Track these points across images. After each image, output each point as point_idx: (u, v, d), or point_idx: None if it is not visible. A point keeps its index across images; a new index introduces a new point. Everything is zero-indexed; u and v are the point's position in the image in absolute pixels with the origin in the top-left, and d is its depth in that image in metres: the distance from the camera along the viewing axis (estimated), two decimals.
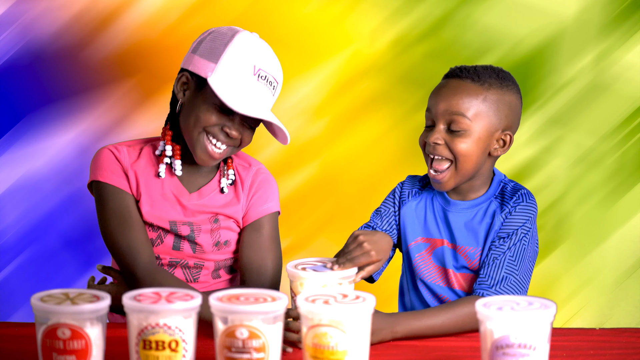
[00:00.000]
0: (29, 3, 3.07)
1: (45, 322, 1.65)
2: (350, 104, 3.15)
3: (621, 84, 3.11)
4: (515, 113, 2.18)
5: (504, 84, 2.16)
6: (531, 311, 1.66)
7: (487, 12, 3.10)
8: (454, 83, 2.16)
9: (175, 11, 3.09)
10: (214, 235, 2.26)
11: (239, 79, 2.17)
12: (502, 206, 2.18)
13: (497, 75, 2.17)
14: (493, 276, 2.11)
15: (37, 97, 3.10)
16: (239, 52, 2.18)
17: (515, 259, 2.12)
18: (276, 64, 2.23)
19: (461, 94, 2.13)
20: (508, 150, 2.18)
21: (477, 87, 2.14)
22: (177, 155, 2.26)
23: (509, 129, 2.17)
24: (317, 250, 3.18)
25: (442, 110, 2.14)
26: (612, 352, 1.95)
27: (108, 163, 2.23)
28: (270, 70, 2.20)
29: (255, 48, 2.20)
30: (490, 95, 2.14)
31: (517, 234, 2.13)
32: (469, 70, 2.17)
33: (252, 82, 2.17)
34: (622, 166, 3.14)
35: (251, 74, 2.17)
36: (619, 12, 3.10)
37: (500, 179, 2.23)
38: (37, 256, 3.11)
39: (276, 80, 2.22)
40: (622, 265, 3.17)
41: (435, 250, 2.21)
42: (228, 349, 1.66)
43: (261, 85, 2.18)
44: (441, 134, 2.14)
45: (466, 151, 2.13)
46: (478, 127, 2.13)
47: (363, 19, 3.12)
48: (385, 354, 1.93)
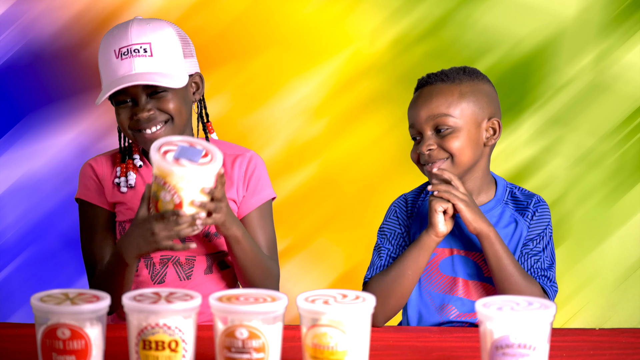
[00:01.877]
0: (29, 3, 3.07)
1: (45, 322, 1.65)
2: (350, 104, 3.15)
3: (621, 84, 3.11)
4: (494, 100, 2.20)
5: (474, 77, 2.19)
6: (531, 311, 1.66)
7: (487, 12, 3.10)
8: (426, 90, 2.18)
9: (175, 11, 3.10)
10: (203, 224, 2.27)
11: (110, 72, 2.17)
12: (523, 211, 2.19)
13: (464, 71, 2.19)
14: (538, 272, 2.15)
15: (37, 97, 3.10)
16: (102, 52, 2.19)
17: (549, 259, 2.16)
18: (137, 31, 2.18)
19: (437, 96, 2.15)
20: (500, 137, 2.19)
21: (449, 86, 2.16)
22: (122, 173, 2.28)
23: (494, 116, 2.18)
24: (317, 250, 3.18)
25: (425, 118, 2.14)
26: (612, 352, 1.95)
27: (83, 179, 2.30)
28: (130, 40, 2.17)
29: (108, 37, 2.19)
30: (464, 88, 2.16)
31: (546, 234, 2.17)
32: (436, 74, 2.20)
33: (118, 63, 2.16)
34: (622, 166, 3.14)
35: (114, 59, 2.16)
36: (619, 12, 3.10)
37: (504, 184, 2.23)
38: (37, 256, 3.11)
39: (144, 43, 2.17)
40: (622, 265, 3.17)
41: (444, 260, 2.19)
42: (228, 349, 1.66)
43: (127, 60, 2.16)
44: (431, 140, 2.14)
45: (460, 147, 2.13)
46: (464, 121, 2.14)
47: (363, 19, 3.12)
48: (385, 354, 1.93)
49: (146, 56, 2.16)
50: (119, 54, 2.16)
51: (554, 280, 2.16)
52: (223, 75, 3.19)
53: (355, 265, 3.12)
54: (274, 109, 3.18)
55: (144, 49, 2.16)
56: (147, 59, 2.16)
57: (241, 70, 3.15)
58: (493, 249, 2.09)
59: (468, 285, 2.17)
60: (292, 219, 3.13)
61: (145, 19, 2.22)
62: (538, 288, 2.10)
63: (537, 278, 2.14)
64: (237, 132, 3.16)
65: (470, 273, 2.17)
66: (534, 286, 2.10)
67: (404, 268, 2.13)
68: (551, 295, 2.12)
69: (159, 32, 2.19)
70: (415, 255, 2.12)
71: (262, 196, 2.30)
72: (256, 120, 3.17)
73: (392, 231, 2.24)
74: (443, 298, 2.19)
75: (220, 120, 3.16)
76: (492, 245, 2.09)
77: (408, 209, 2.26)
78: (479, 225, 2.08)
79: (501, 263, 2.09)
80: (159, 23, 2.21)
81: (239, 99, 3.17)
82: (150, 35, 2.18)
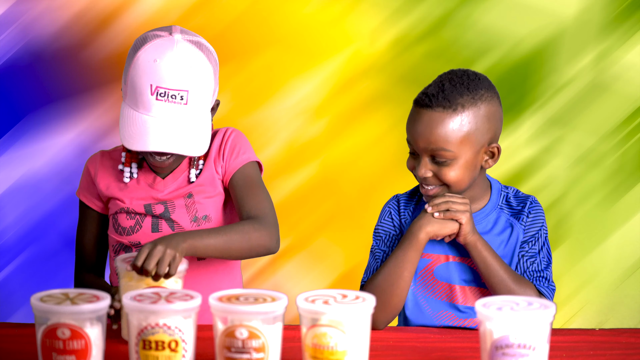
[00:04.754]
0: (29, 3, 3.07)
1: (45, 322, 1.65)
2: (350, 104, 3.15)
3: (621, 84, 3.11)
4: (495, 121, 2.13)
5: (477, 97, 2.09)
6: (531, 311, 1.66)
7: (487, 12, 3.10)
8: (426, 117, 2.09)
9: (175, 11, 3.10)
10: (190, 210, 2.27)
11: (140, 103, 2.15)
12: (518, 215, 2.17)
13: (467, 88, 2.10)
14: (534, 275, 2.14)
15: (37, 97, 3.10)
16: (138, 73, 2.15)
17: (545, 259, 2.15)
18: (178, 73, 2.14)
19: (437, 127, 2.08)
20: (498, 159, 2.16)
21: (450, 114, 2.07)
22: (127, 163, 2.29)
23: (494, 140, 2.12)
24: (317, 250, 3.18)
25: (423, 147, 2.10)
26: (612, 352, 1.95)
27: (82, 177, 2.36)
28: (169, 84, 2.13)
29: (154, 65, 2.13)
30: (466, 116, 2.08)
31: (541, 235, 2.16)
32: (437, 96, 2.09)
33: (152, 103, 2.13)
34: (622, 166, 3.14)
35: (149, 95, 2.14)
36: (619, 12, 3.10)
37: (499, 187, 2.22)
38: (37, 256, 3.11)
39: (182, 90, 2.15)
40: (622, 265, 3.17)
41: (438, 267, 2.18)
42: (228, 349, 1.66)
43: (162, 104, 2.14)
44: (428, 167, 2.11)
45: (456, 178, 2.10)
46: (462, 152, 2.09)
47: (363, 19, 3.12)
48: (385, 354, 1.93)
49: (181, 104, 2.15)
50: (155, 91, 2.14)
51: (551, 280, 2.16)
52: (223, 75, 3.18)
53: (355, 265, 3.12)
54: (274, 109, 3.18)
55: (181, 97, 2.14)
56: (181, 107, 2.15)
57: (241, 70, 3.15)
58: (481, 256, 2.09)
59: (465, 292, 2.17)
60: (292, 219, 3.13)
61: (190, 49, 2.17)
62: (532, 290, 2.10)
63: (534, 280, 2.13)
64: None
65: (467, 279, 2.16)
66: (527, 289, 2.09)
67: (400, 270, 2.12)
68: (549, 295, 2.12)
69: (199, 74, 2.16)
70: (410, 255, 2.11)
71: (241, 159, 2.28)
72: (256, 120, 3.17)
73: (387, 233, 2.24)
74: (440, 305, 2.19)
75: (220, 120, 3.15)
76: (479, 253, 2.09)
77: (400, 210, 2.25)
78: (470, 239, 2.09)
79: (490, 270, 2.09)
80: (201, 60, 2.17)
81: (239, 99, 3.17)
82: (189, 81, 2.14)
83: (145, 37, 2.19)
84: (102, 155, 2.35)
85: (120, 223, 2.28)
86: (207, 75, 2.18)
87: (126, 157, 2.30)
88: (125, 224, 2.28)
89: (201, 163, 2.29)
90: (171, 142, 2.14)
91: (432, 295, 2.19)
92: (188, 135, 2.16)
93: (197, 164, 2.29)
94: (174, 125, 2.15)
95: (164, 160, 2.21)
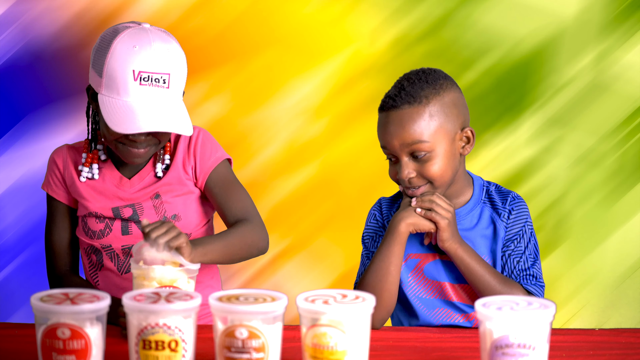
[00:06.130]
0: (29, 3, 3.07)
1: (45, 322, 1.65)
2: (350, 104, 3.15)
3: (621, 84, 3.11)
4: (462, 106, 2.15)
5: (438, 87, 2.12)
6: (530, 311, 1.66)
7: (487, 12, 3.10)
8: (395, 117, 2.11)
9: (175, 11, 3.10)
10: (159, 211, 2.27)
11: (122, 90, 2.14)
12: (499, 211, 2.18)
13: (426, 82, 2.13)
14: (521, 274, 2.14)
15: (37, 97, 3.10)
16: (118, 60, 2.15)
17: (532, 256, 2.15)
18: (159, 57, 2.16)
19: (407, 122, 2.09)
20: (474, 144, 2.17)
21: (417, 108, 2.10)
22: (87, 163, 2.29)
23: (465, 125, 2.15)
24: (317, 250, 3.18)
25: (398, 146, 2.11)
26: (612, 352, 1.95)
27: (48, 171, 2.36)
28: (153, 67, 2.15)
29: (134, 51, 2.15)
30: (432, 107, 2.10)
31: (526, 231, 2.15)
32: (400, 96, 2.12)
33: (135, 88, 2.14)
34: (622, 166, 3.14)
35: (132, 81, 2.14)
36: (619, 12, 3.10)
37: (481, 182, 2.22)
38: (37, 256, 3.11)
39: (164, 74, 2.16)
40: (622, 265, 3.18)
41: (427, 266, 2.19)
42: (228, 349, 1.66)
43: (145, 89, 2.14)
44: (410, 167, 2.11)
45: (440, 170, 2.11)
46: (438, 142, 2.10)
47: (363, 19, 3.12)
48: (385, 354, 1.93)
49: (164, 87, 2.16)
50: (137, 76, 2.15)
51: (539, 277, 2.15)
52: (223, 75, 3.19)
53: (355, 265, 3.11)
54: (274, 109, 3.18)
55: (164, 80, 2.16)
56: (164, 90, 2.16)
57: (241, 70, 3.16)
58: (463, 263, 2.10)
59: (456, 289, 2.17)
60: (292, 219, 3.13)
61: (164, 37, 2.19)
62: (520, 291, 2.10)
63: (522, 279, 2.13)
64: (237, 132, 3.16)
65: (458, 276, 2.17)
66: (514, 290, 2.10)
67: (386, 265, 2.12)
68: (538, 293, 2.12)
69: (177, 58, 2.19)
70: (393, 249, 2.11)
71: (214, 159, 2.29)
72: (256, 120, 3.17)
73: (373, 235, 2.25)
74: (435, 303, 2.19)
75: (220, 120, 3.16)
76: (461, 260, 2.10)
77: (383, 211, 2.26)
78: (450, 245, 2.10)
79: (475, 275, 2.10)
80: (175, 45, 2.20)
81: (239, 99, 3.17)
82: (169, 64, 2.17)
83: (115, 29, 2.20)
84: (69, 149, 2.34)
85: (90, 226, 2.28)
86: (183, 60, 2.20)
87: (87, 157, 2.29)
88: (95, 227, 2.28)
89: (167, 158, 2.28)
90: (162, 121, 2.15)
91: (425, 294, 2.19)
92: (174, 116, 2.17)
93: (162, 159, 2.28)
94: (160, 107, 2.15)
95: (144, 146, 2.20)
